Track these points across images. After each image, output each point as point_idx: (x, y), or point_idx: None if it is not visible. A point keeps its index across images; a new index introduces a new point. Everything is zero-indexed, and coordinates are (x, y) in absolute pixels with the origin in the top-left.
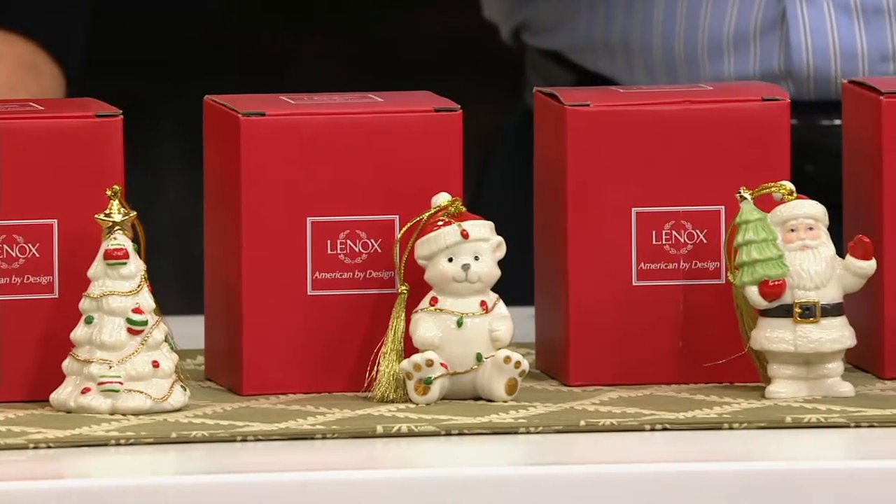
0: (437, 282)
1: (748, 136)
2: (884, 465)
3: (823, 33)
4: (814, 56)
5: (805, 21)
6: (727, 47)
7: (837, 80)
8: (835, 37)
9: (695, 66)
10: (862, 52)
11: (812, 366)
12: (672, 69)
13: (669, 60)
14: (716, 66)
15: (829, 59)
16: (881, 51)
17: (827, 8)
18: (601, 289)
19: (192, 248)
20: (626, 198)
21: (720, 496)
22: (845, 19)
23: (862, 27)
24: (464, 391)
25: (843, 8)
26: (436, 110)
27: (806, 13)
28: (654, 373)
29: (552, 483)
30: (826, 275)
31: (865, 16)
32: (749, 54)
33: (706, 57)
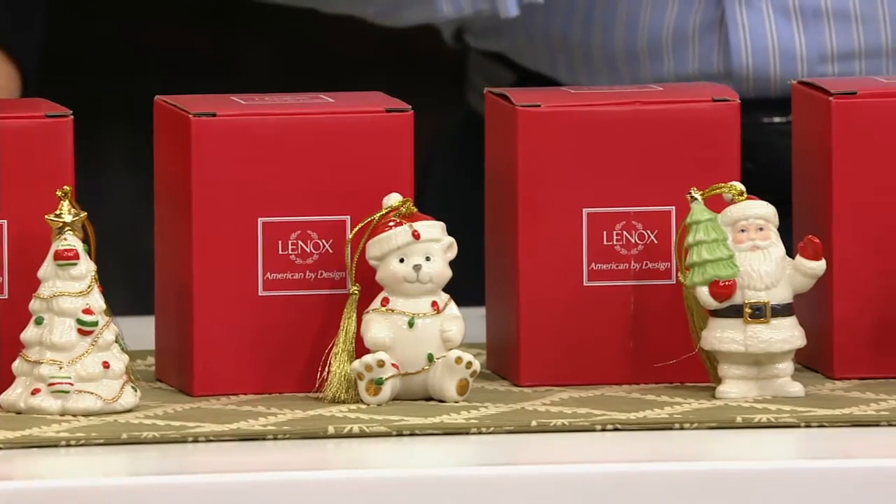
0: (388, 282)
1: (699, 137)
2: (833, 464)
3: (762, 35)
4: (753, 57)
5: (744, 22)
6: (667, 48)
7: (777, 80)
8: (774, 38)
9: (635, 66)
10: (801, 53)
11: (762, 366)
12: (613, 70)
13: (610, 61)
14: (656, 66)
15: (769, 60)
16: (820, 52)
17: (766, 9)
18: (552, 289)
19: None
20: (577, 198)
21: (671, 496)
22: (784, 21)
23: (801, 29)
24: (415, 392)
25: (782, 10)
26: (387, 111)
27: (745, 15)
28: (605, 373)
29: (504, 483)
30: (776, 275)
31: (804, 17)
32: (688, 55)
33: (646, 57)
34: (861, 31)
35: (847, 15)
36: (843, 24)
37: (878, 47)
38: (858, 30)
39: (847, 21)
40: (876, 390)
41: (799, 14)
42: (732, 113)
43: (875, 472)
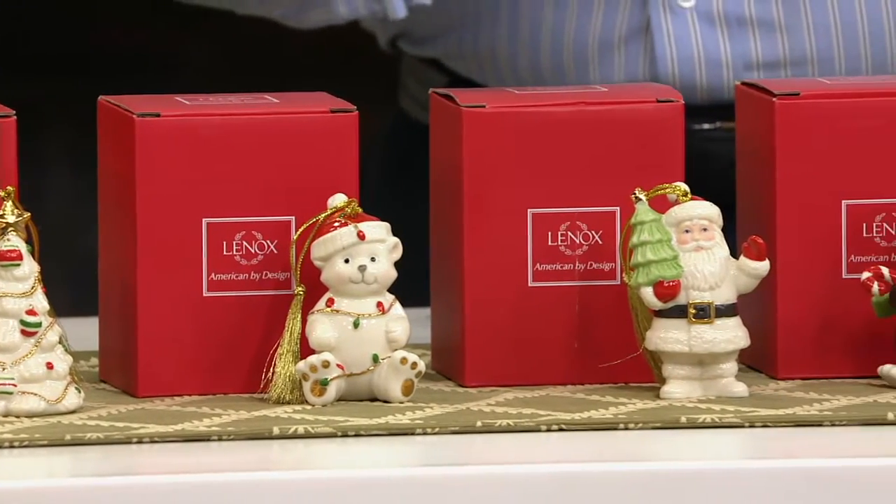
0: (333, 283)
1: (643, 138)
2: (777, 464)
3: (687, 42)
4: (678, 65)
5: (669, 30)
6: (592, 56)
7: (702, 87)
8: (699, 46)
9: (561, 74)
10: (726, 60)
11: (706, 366)
12: (539, 78)
13: (536, 70)
14: (581, 74)
15: (694, 67)
16: (745, 60)
17: (691, 18)
18: (497, 290)
19: (82, 248)
20: (521, 199)
21: (616, 496)
22: (709, 29)
23: (726, 37)
24: (360, 392)
25: (707, 18)
26: (332, 111)
27: (670, 23)
28: (549, 373)
29: (449, 484)
30: (720, 275)
31: (729, 26)
32: (614, 62)
33: (572, 65)
34: (786, 39)
35: (771, 24)
36: (767, 32)
37: (802, 56)
38: (783, 38)
39: (771, 30)
40: (819, 390)
41: (724, 22)
42: (676, 114)
43: (818, 471)
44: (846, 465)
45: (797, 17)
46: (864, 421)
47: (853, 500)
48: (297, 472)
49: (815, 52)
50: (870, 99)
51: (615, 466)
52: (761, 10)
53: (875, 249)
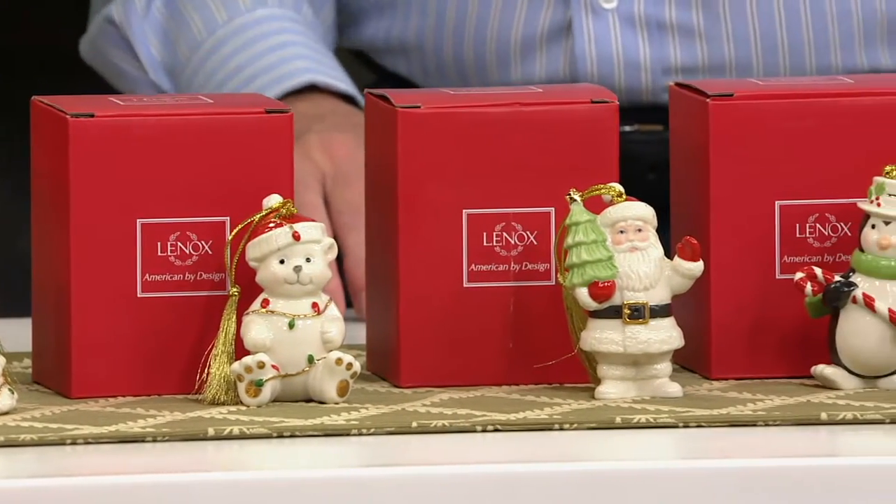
0: (268, 284)
1: (578, 139)
2: (711, 464)
3: (607, 44)
4: (598, 66)
5: (590, 31)
6: (514, 54)
7: (621, 90)
8: (618, 48)
9: (483, 71)
10: (645, 63)
11: (641, 366)
12: (463, 74)
13: (460, 65)
14: (503, 71)
15: (613, 69)
16: (664, 63)
17: (612, 19)
18: (432, 290)
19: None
20: (456, 199)
21: (551, 496)
22: (629, 31)
23: (645, 40)
24: (295, 393)
25: (628, 20)
26: (267, 112)
27: (591, 23)
28: (485, 374)
29: (385, 484)
30: (655, 276)
31: (649, 29)
32: (535, 61)
33: (494, 62)
34: (704, 46)
35: (691, 30)
36: (687, 38)
37: (721, 62)
38: (702, 45)
39: (691, 36)
40: (752, 390)
41: (644, 26)
42: (611, 115)
43: (752, 471)
44: (780, 465)
45: (717, 25)
46: (797, 421)
47: (787, 499)
48: (232, 473)
49: (734, 59)
50: (803, 100)
51: (550, 467)
52: (682, 16)
53: (808, 250)
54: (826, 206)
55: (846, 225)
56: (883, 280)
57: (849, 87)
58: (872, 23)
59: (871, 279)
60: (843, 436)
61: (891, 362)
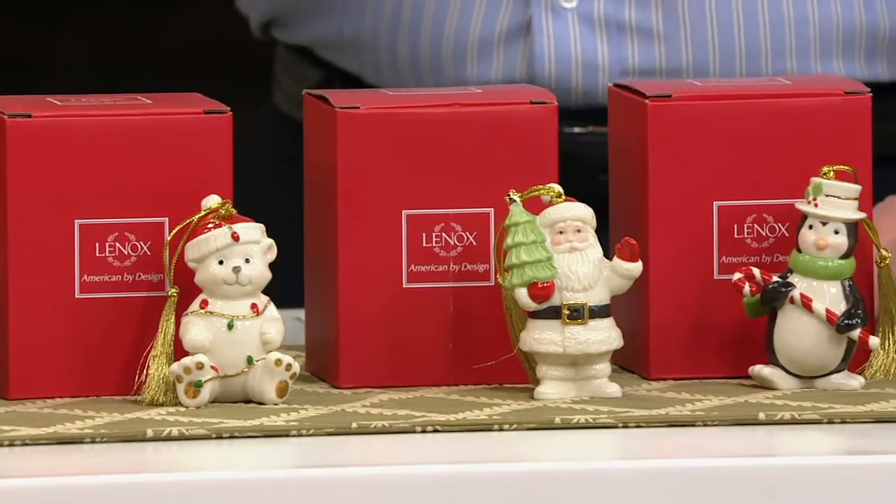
0: (207, 284)
1: (517, 139)
2: (650, 464)
3: (566, 44)
4: (556, 66)
5: (549, 31)
6: (471, 52)
7: (578, 91)
8: (577, 49)
9: (439, 69)
10: (603, 65)
11: (580, 367)
12: (417, 72)
13: (415, 62)
14: (460, 70)
15: (571, 70)
16: (622, 65)
17: (571, 19)
18: (371, 291)
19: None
20: (396, 200)
21: (491, 497)
22: (588, 32)
23: (604, 41)
24: (234, 394)
25: (587, 21)
26: (206, 112)
27: (550, 23)
28: (424, 374)
29: (324, 485)
30: (594, 276)
31: (608, 31)
32: (492, 61)
33: (451, 61)
34: (663, 49)
35: (650, 32)
36: (645, 40)
37: (678, 66)
38: (660, 47)
39: (650, 38)
40: (691, 391)
41: (603, 27)
42: (550, 115)
43: (691, 471)
44: (718, 465)
45: (676, 28)
46: (735, 421)
47: (726, 499)
48: (171, 475)
49: (691, 63)
50: (741, 101)
51: (490, 467)
52: (641, 18)
53: (746, 250)
54: (764, 207)
55: (784, 225)
56: (820, 280)
57: (786, 89)
58: (828, 32)
59: (809, 280)
60: (781, 436)
61: (828, 362)
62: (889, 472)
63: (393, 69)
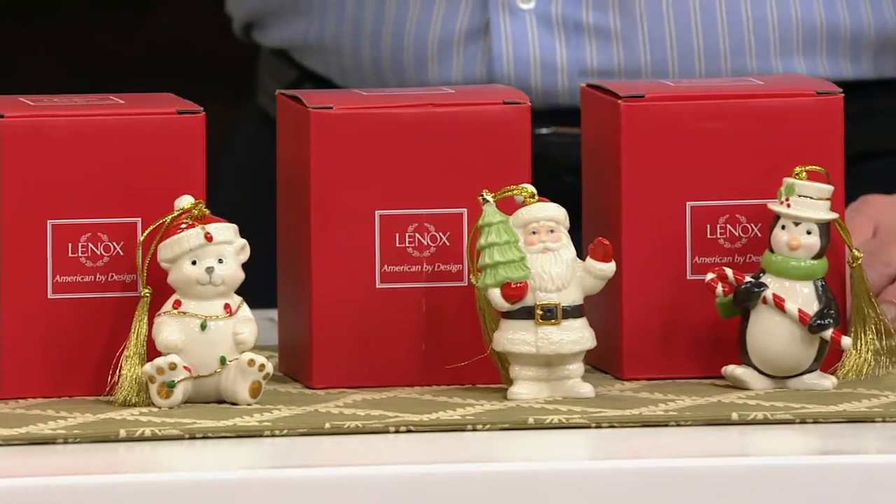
0: (180, 285)
1: (490, 139)
2: (624, 464)
3: (525, 45)
4: (514, 67)
5: (507, 32)
6: (431, 54)
7: (538, 91)
8: (535, 49)
9: (401, 71)
10: (561, 66)
11: (553, 367)
12: (380, 74)
13: (377, 64)
14: (421, 72)
15: (529, 70)
16: (580, 66)
17: (529, 21)
18: (344, 291)
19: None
20: (369, 200)
21: (464, 497)
22: (546, 33)
23: (562, 42)
24: (207, 394)
25: (545, 22)
26: (178, 112)
27: (508, 24)
28: (397, 375)
29: (298, 486)
30: (567, 277)
31: (566, 31)
32: (452, 62)
33: (412, 63)
34: (621, 49)
35: (608, 33)
36: (603, 40)
37: (636, 66)
38: (618, 47)
39: (608, 38)
40: (664, 391)
41: (561, 27)
42: (523, 116)
43: (664, 471)
44: (691, 465)
45: (634, 28)
46: (708, 421)
47: (699, 499)
48: (144, 475)
49: (650, 63)
50: (714, 101)
51: (463, 467)
52: (599, 19)
53: (719, 251)
54: (736, 208)
55: (756, 226)
56: (793, 281)
57: (759, 89)
58: (788, 31)
59: (782, 280)
60: (754, 436)
61: (800, 362)
62: (861, 471)
63: (357, 72)
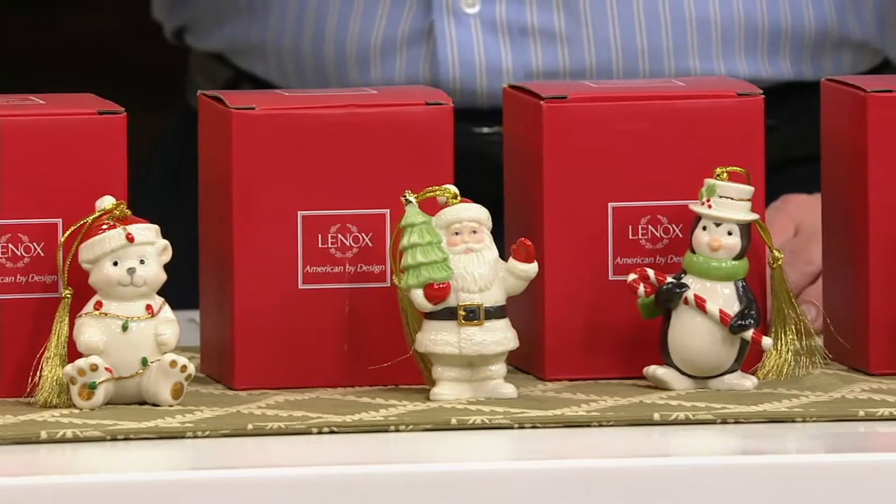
0: (101, 286)
1: (412, 140)
2: (546, 465)
3: (469, 49)
4: (460, 70)
5: (452, 36)
6: (375, 56)
7: (483, 93)
8: (480, 53)
9: (344, 72)
10: (507, 69)
11: (476, 368)
12: (322, 75)
13: (320, 66)
14: (363, 73)
15: (475, 74)
16: (525, 69)
17: (473, 24)
18: (267, 292)
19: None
20: (292, 201)
21: (387, 498)
22: (491, 37)
23: (507, 45)
24: (129, 396)
25: (490, 25)
26: (99, 113)
27: (453, 28)
28: (320, 376)
29: (220, 487)
30: (490, 278)
31: (511, 35)
32: (395, 65)
33: (354, 65)
34: (566, 51)
35: (553, 35)
36: (548, 43)
37: (581, 67)
38: (563, 49)
39: (552, 40)
40: (586, 391)
41: (506, 31)
42: (445, 117)
43: (586, 471)
44: (613, 466)
45: (578, 30)
46: (630, 421)
47: (621, 499)
48: (65, 477)
49: (594, 64)
50: (635, 102)
51: (386, 468)
52: (544, 21)
53: (640, 251)
54: (658, 208)
55: (678, 227)
56: (714, 281)
57: (680, 90)
58: (730, 31)
59: (703, 280)
60: (676, 436)
61: (721, 363)
62: (781, 471)
63: (298, 74)
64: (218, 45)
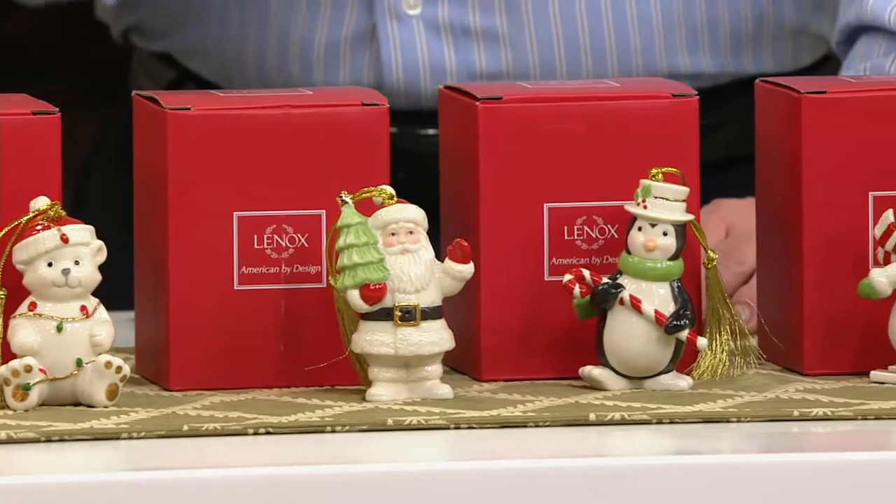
0: (36, 286)
1: (348, 141)
2: (482, 465)
3: (413, 50)
4: (403, 72)
5: (395, 38)
6: (318, 59)
7: (427, 94)
8: (424, 54)
9: (287, 75)
10: (451, 69)
11: (412, 368)
12: (264, 79)
13: (262, 70)
14: (307, 76)
15: (419, 75)
16: (469, 69)
17: (416, 26)
18: (202, 293)
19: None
20: (227, 202)
21: (324, 499)
22: (434, 38)
23: (450, 46)
24: (64, 397)
25: (433, 27)
26: (34, 113)
27: (396, 30)
28: (256, 376)
29: (156, 488)
30: (426, 278)
31: (454, 36)
32: (339, 67)
33: (298, 68)
34: (509, 51)
35: (495, 35)
36: (491, 43)
37: (525, 69)
38: (506, 50)
39: (495, 41)
40: (522, 392)
41: (449, 32)
42: (381, 117)
43: (522, 472)
44: (550, 466)
45: (521, 30)
46: (566, 422)
47: (557, 500)
48: None
49: (538, 64)
50: (570, 103)
51: (322, 469)
52: (486, 22)
53: (576, 252)
54: (594, 209)
55: (613, 227)
56: (649, 282)
57: (615, 91)
58: (671, 29)
59: (638, 281)
60: (612, 436)
61: (657, 363)
62: (716, 471)
63: (241, 77)
64: (165, 48)
